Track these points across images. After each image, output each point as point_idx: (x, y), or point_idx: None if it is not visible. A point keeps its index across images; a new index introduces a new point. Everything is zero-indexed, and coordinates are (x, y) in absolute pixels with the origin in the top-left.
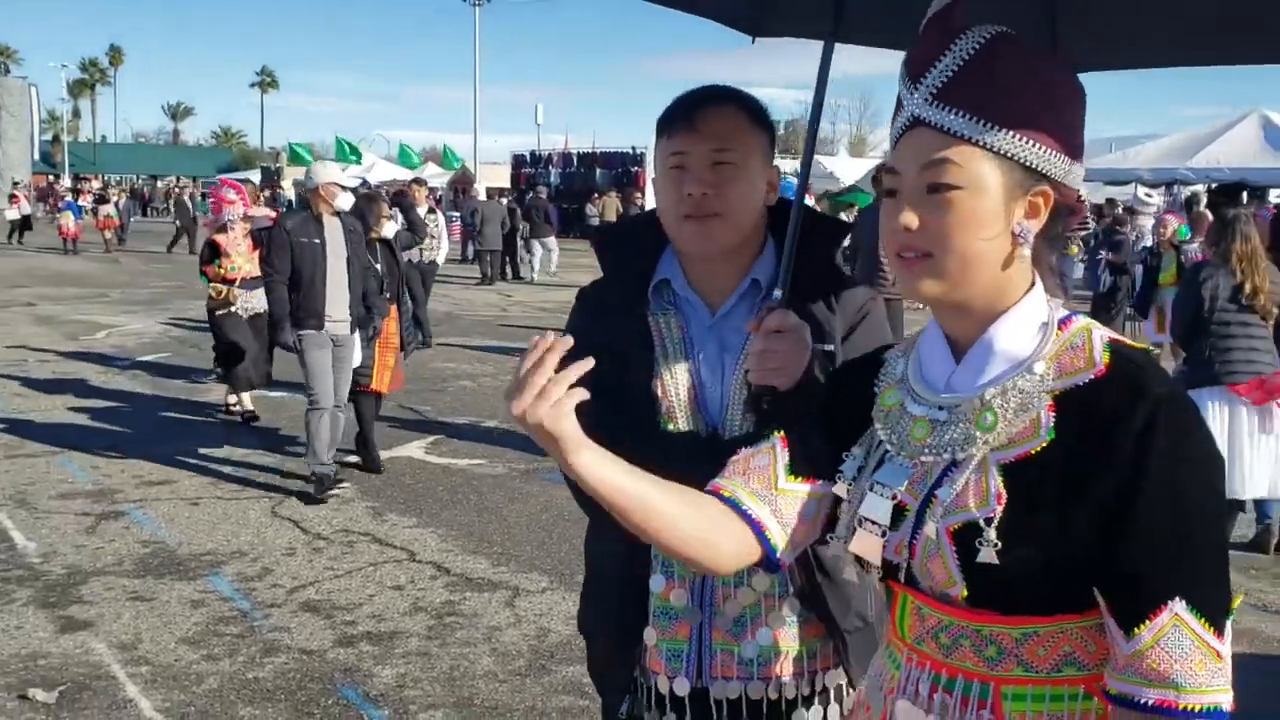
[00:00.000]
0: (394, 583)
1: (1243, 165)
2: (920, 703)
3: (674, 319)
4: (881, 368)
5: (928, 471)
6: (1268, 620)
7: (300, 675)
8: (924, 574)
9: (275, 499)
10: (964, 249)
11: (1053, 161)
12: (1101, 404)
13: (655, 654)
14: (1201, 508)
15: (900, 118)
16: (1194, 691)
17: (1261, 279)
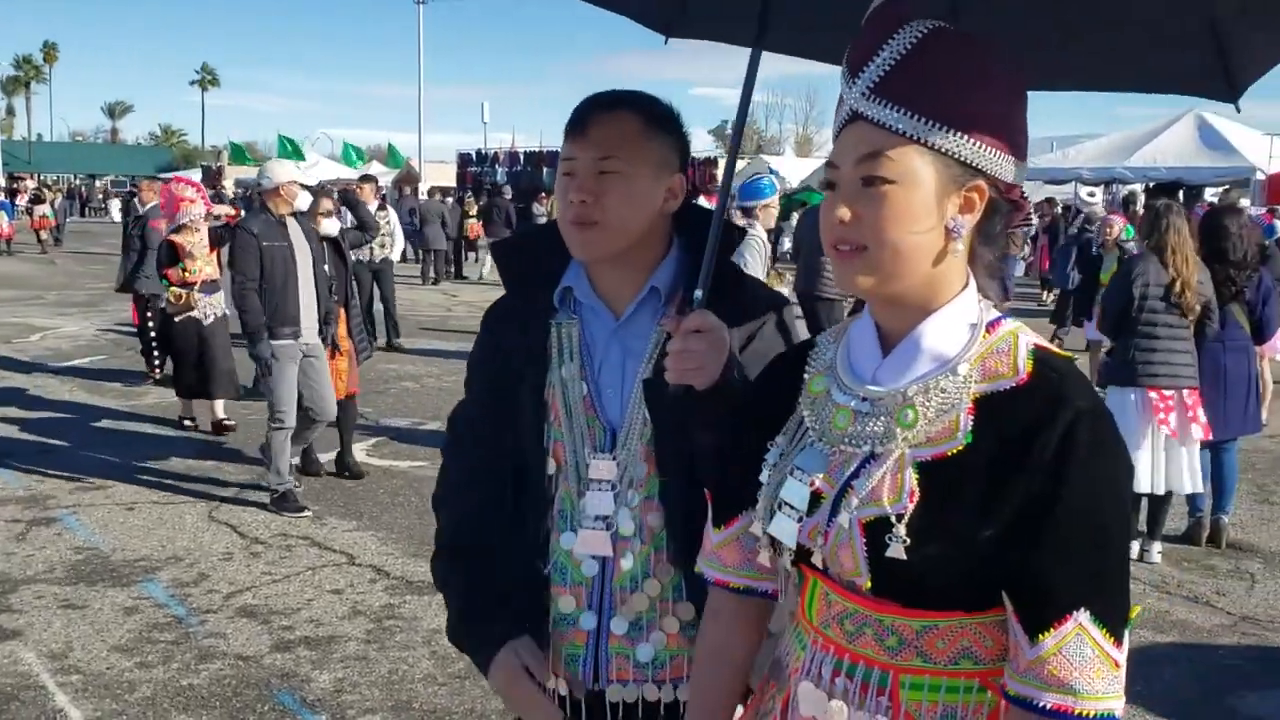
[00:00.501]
0: (333, 587)
1: (1179, 165)
2: (823, 685)
3: (574, 326)
4: (813, 352)
5: (846, 461)
6: (1198, 611)
7: (236, 681)
8: (833, 561)
9: (213, 503)
10: (896, 242)
11: (988, 157)
12: (1022, 412)
13: (555, 659)
14: (1112, 521)
15: (840, 113)
16: (1090, 698)
17: (1190, 273)
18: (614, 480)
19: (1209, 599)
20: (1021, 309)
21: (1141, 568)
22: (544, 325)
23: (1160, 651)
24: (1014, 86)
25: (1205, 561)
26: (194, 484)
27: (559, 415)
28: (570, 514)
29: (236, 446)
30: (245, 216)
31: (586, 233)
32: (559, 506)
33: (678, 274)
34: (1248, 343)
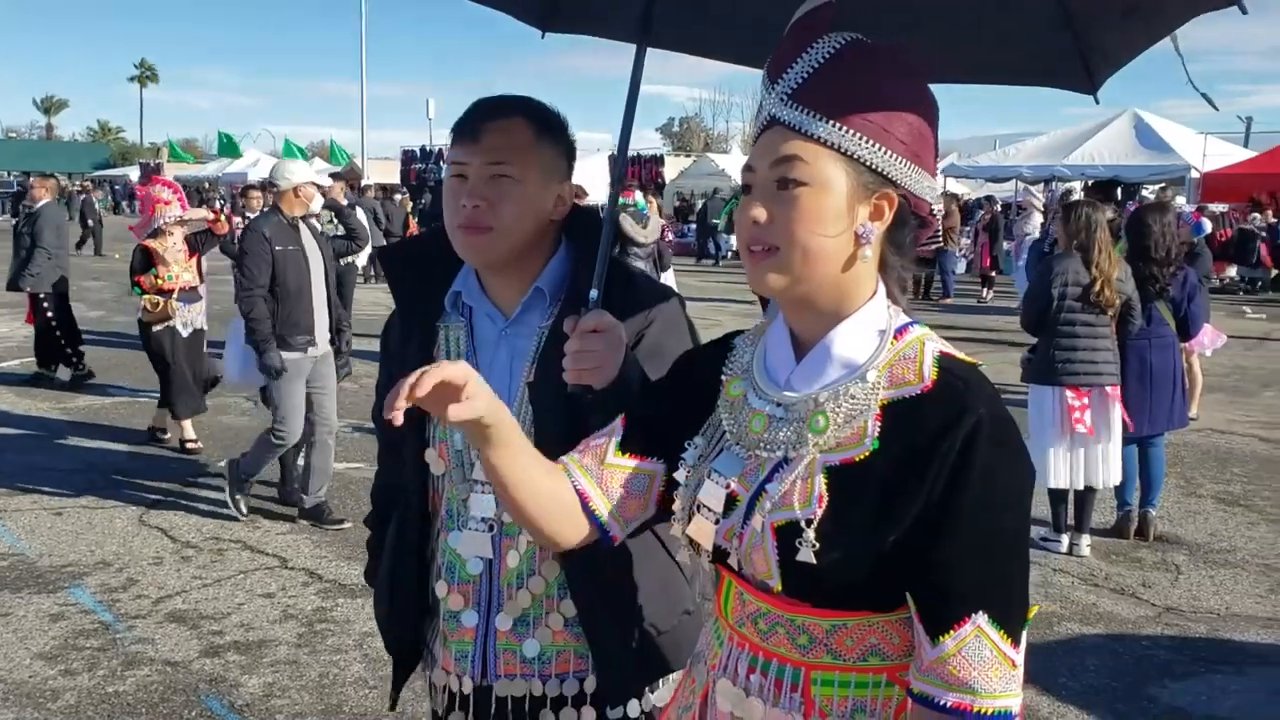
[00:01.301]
0: (264, 590)
1: (1115, 163)
2: (739, 682)
3: (461, 329)
4: (730, 354)
5: (761, 465)
6: (1124, 603)
7: (163, 687)
8: (747, 563)
9: (144, 507)
10: (806, 243)
11: (898, 167)
12: (926, 418)
13: (446, 653)
14: (1012, 525)
15: (760, 118)
16: (988, 697)
17: (1111, 271)
18: None
19: (1135, 591)
20: (962, 305)
21: (1070, 561)
22: (430, 329)
23: (1086, 643)
24: (925, 101)
25: (1133, 554)
26: (125, 488)
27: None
28: (456, 513)
29: (170, 450)
30: (257, 218)
31: (478, 238)
32: (446, 506)
33: (563, 276)
34: (1173, 339)
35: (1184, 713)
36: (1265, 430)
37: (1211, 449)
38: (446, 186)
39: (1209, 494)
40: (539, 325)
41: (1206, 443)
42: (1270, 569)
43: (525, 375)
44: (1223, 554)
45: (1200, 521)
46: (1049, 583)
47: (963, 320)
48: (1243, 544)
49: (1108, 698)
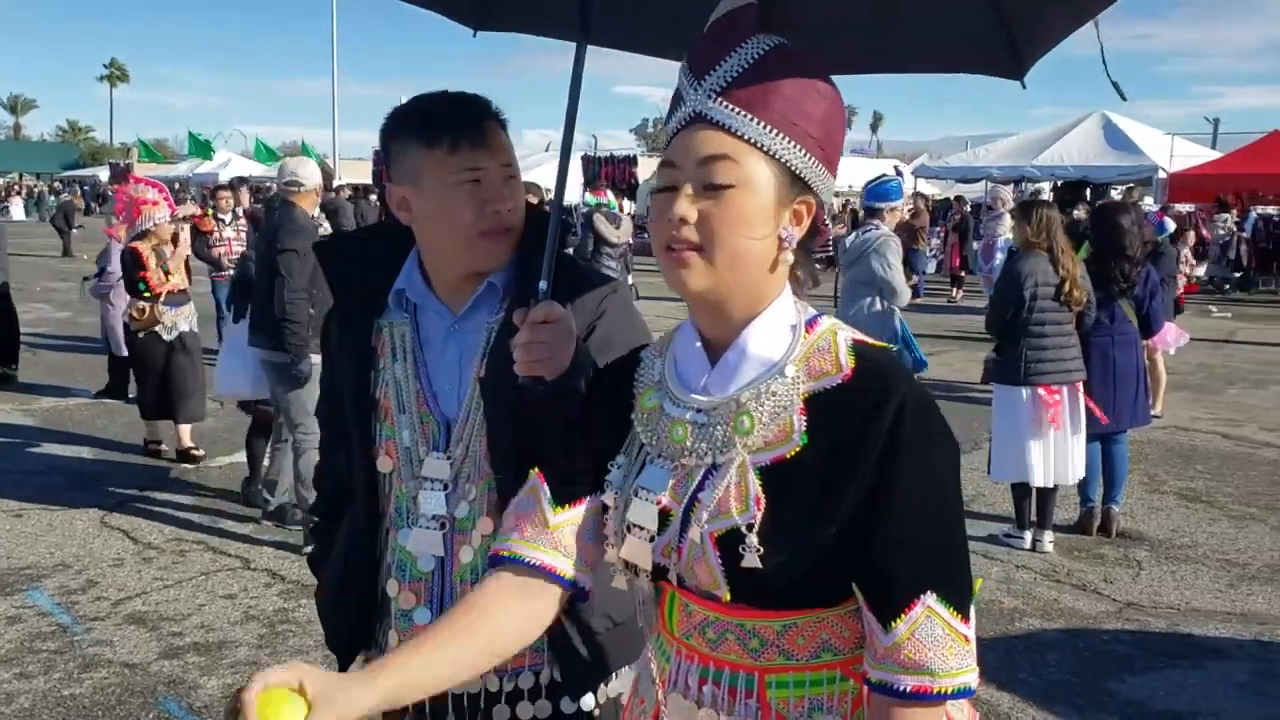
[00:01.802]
0: (226, 591)
1: (1084, 163)
2: (690, 695)
3: (406, 326)
4: (639, 368)
5: (689, 474)
6: (1085, 598)
7: (120, 690)
8: (690, 575)
9: (105, 510)
10: (734, 246)
11: (818, 173)
12: (850, 407)
13: None
14: (947, 501)
15: (681, 112)
16: (947, 675)
17: (1076, 270)
18: (446, 479)
19: (1096, 586)
20: (932, 305)
21: (1033, 557)
22: (368, 325)
23: (1047, 638)
24: (840, 111)
25: (1095, 550)
26: (87, 490)
27: (391, 413)
28: (406, 511)
29: (130, 452)
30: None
31: (505, 239)
32: (395, 504)
33: (514, 269)
34: (1136, 336)
35: (1143, 707)
36: (1228, 427)
37: (1175, 446)
38: (456, 191)
39: (1172, 490)
40: (488, 320)
41: (1170, 440)
42: (1230, 564)
43: (476, 371)
44: (1184, 549)
45: (1162, 518)
46: (1011, 579)
47: (932, 320)
48: (1204, 540)
49: (1068, 693)
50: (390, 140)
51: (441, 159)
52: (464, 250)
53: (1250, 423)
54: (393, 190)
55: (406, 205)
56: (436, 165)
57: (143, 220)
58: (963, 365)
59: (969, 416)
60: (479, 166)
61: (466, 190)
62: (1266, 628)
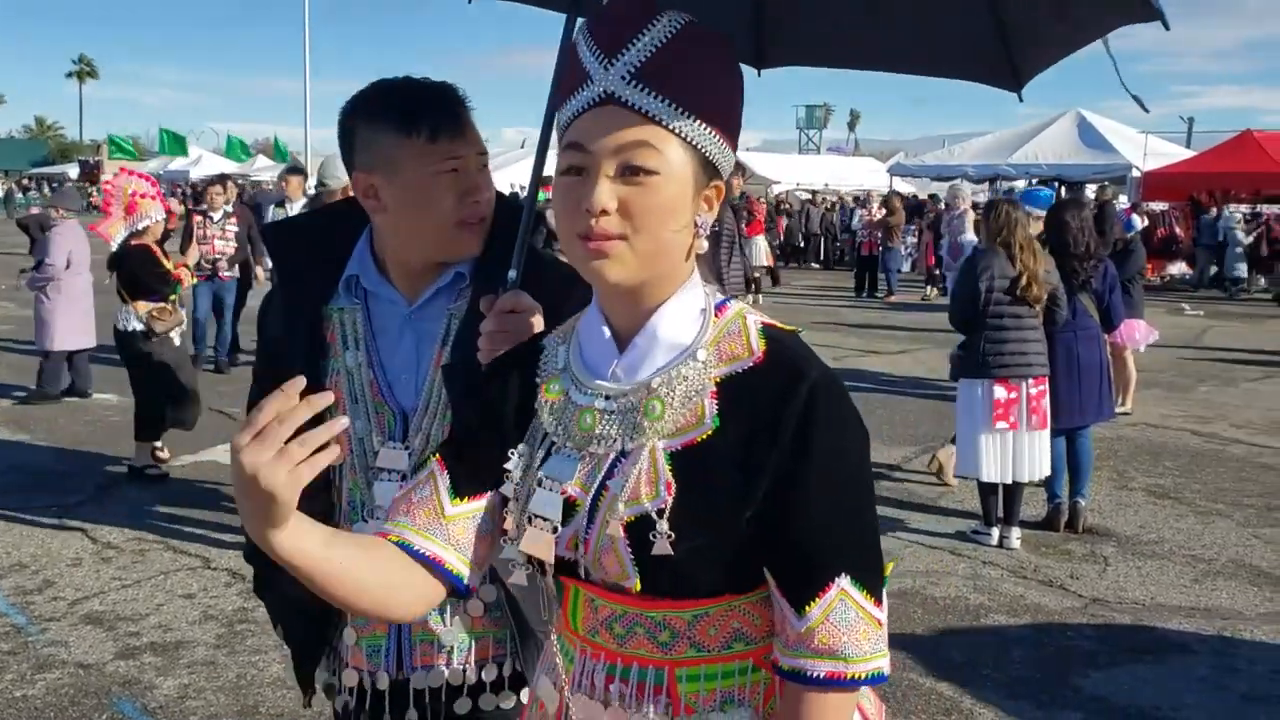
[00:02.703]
0: (185, 591)
1: (1059, 161)
2: (597, 695)
3: (358, 314)
4: (540, 355)
5: (598, 463)
6: (1051, 594)
7: (74, 691)
8: (596, 567)
9: (64, 507)
10: (658, 234)
11: (727, 157)
12: (761, 389)
13: (356, 651)
14: (859, 483)
15: (588, 91)
16: (860, 660)
17: (1037, 266)
18: (405, 469)
19: (1063, 582)
20: (906, 303)
21: (1000, 553)
22: (317, 313)
23: (1012, 634)
24: (741, 93)
25: (1062, 546)
26: (47, 489)
27: (343, 404)
28: (360, 504)
29: (91, 451)
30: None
31: (480, 229)
32: (348, 497)
33: (478, 259)
34: (1098, 331)
35: (1106, 702)
36: (1198, 425)
37: (1145, 442)
38: (435, 181)
39: (1140, 487)
40: (447, 308)
41: (1140, 436)
42: (1196, 560)
43: (435, 358)
44: (1150, 545)
45: (1130, 514)
46: (978, 575)
47: (907, 317)
48: (1170, 535)
49: (1032, 689)
50: (354, 125)
51: (422, 147)
52: (440, 239)
53: (1220, 420)
54: (359, 177)
55: (375, 193)
56: (416, 153)
57: (139, 217)
58: (937, 363)
59: (941, 414)
60: (459, 155)
61: (447, 179)
62: (1229, 623)
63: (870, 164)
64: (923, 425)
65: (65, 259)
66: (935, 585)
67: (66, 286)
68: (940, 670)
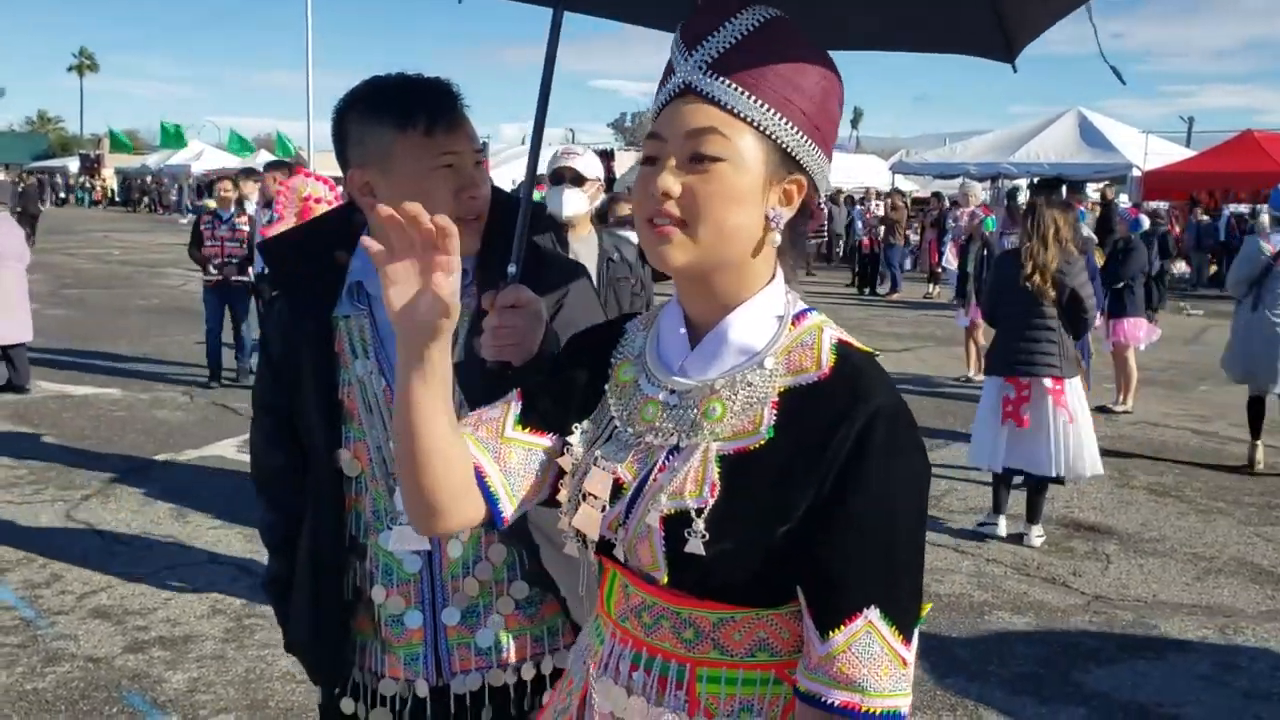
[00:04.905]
0: (192, 585)
1: (1060, 160)
2: (621, 680)
3: (364, 321)
4: (622, 338)
5: (651, 452)
6: (1054, 591)
7: (84, 684)
8: (632, 554)
9: (71, 502)
10: (720, 221)
11: (810, 153)
12: (822, 407)
13: (394, 660)
14: (906, 518)
15: (670, 84)
16: (877, 696)
17: (1047, 259)
18: None
19: (1065, 580)
20: (909, 301)
21: (1004, 551)
22: (325, 321)
23: (1016, 631)
24: (838, 90)
25: (1065, 544)
26: (53, 484)
27: (358, 414)
28: (384, 512)
29: (97, 445)
30: None
31: (475, 226)
32: (372, 506)
33: (478, 254)
34: None
35: (1108, 699)
36: (1198, 423)
37: (1146, 441)
38: (430, 177)
39: (1141, 485)
40: None
41: (1141, 435)
42: (1197, 557)
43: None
44: (1152, 543)
45: (1132, 512)
46: (982, 572)
47: (910, 315)
48: (1172, 533)
49: (1034, 685)
50: (349, 121)
51: (417, 142)
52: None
53: (1220, 419)
54: (354, 174)
55: (370, 190)
56: (411, 148)
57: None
58: (940, 361)
59: (942, 411)
60: (454, 150)
61: (442, 175)
62: (1230, 620)
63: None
64: (927, 423)
65: None
66: (940, 582)
67: None
68: (945, 667)
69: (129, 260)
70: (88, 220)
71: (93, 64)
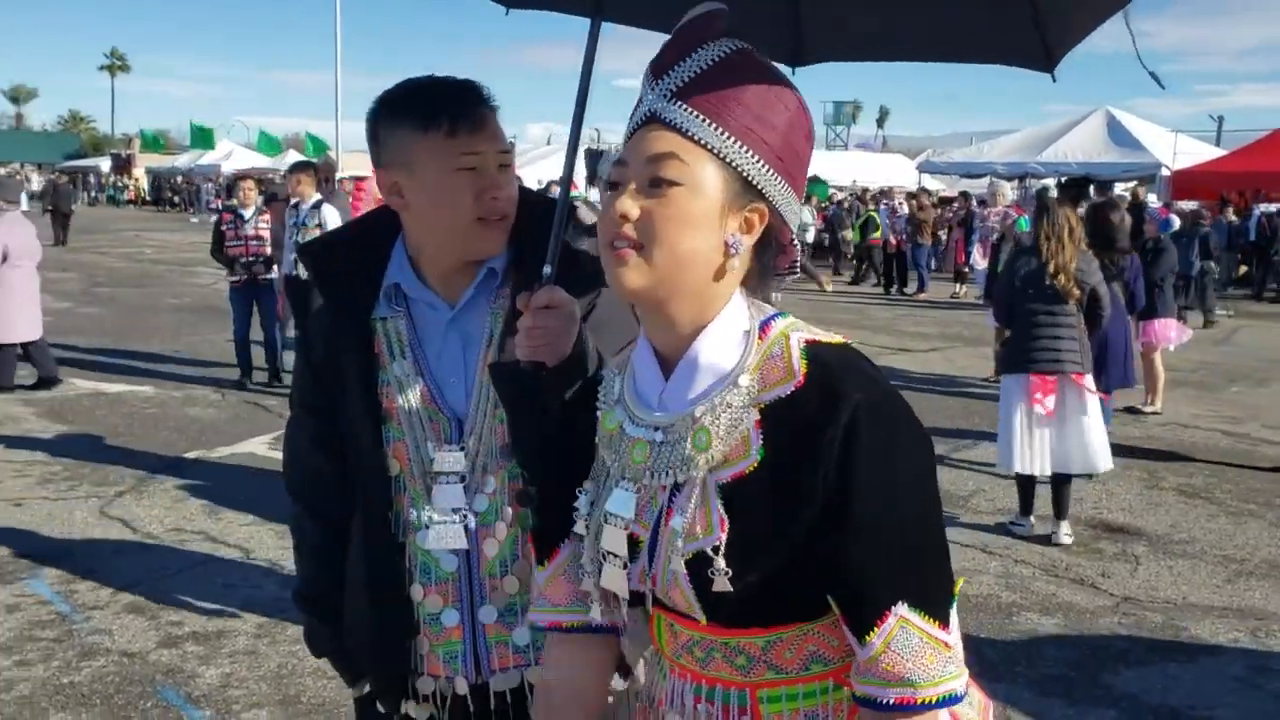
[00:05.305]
0: (226, 581)
1: (1088, 160)
2: (687, 714)
3: (401, 322)
4: (600, 388)
5: (653, 497)
6: (1083, 593)
7: (119, 678)
8: (666, 598)
9: (105, 498)
10: (674, 245)
11: (772, 182)
12: (803, 415)
13: (433, 658)
14: (913, 504)
15: (637, 113)
16: (929, 685)
17: (1066, 259)
18: (463, 471)
19: (1094, 581)
20: (936, 300)
21: (1032, 552)
22: (365, 325)
23: (1044, 632)
24: (804, 123)
25: (1093, 545)
26: (87, 480)
27: (397, 415)
28: (421, 512)
29: (130, 442)
30: None
31: (500, 227)
32: (410, 506)
33: (511, 255)
34: (1124, 311)
35: (1138, 701)
36: (1229, 425)
37: (1176, 443)
38: (451, 178)
39: (1171, 486)
40: (489, 308)
41: (1171, 436)
42: (1228, 560)
43: (482, 359)
44: (1182, 545)
45: (1161, 513)
46: (1010, 573)
47: (937, 315)
48: (1202, 535)
49: (1064, 686)
50: (379, 124)
51: (439, 143)
52: (460, 237)
53: (1251, 420)
54: (382, 175)
55: (398, 190)
56: (434, 149)
57: None
58: (966, 361)
59: (969, 412)
60: (477, 151)
61: (465, 176)
62: (1263, 623)
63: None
64: (954, 423)
65: (2, 252)
66: (968, 583)
67: (6, 279)
68: (973, 668)
69: (160, 259)
70: (119, 219)
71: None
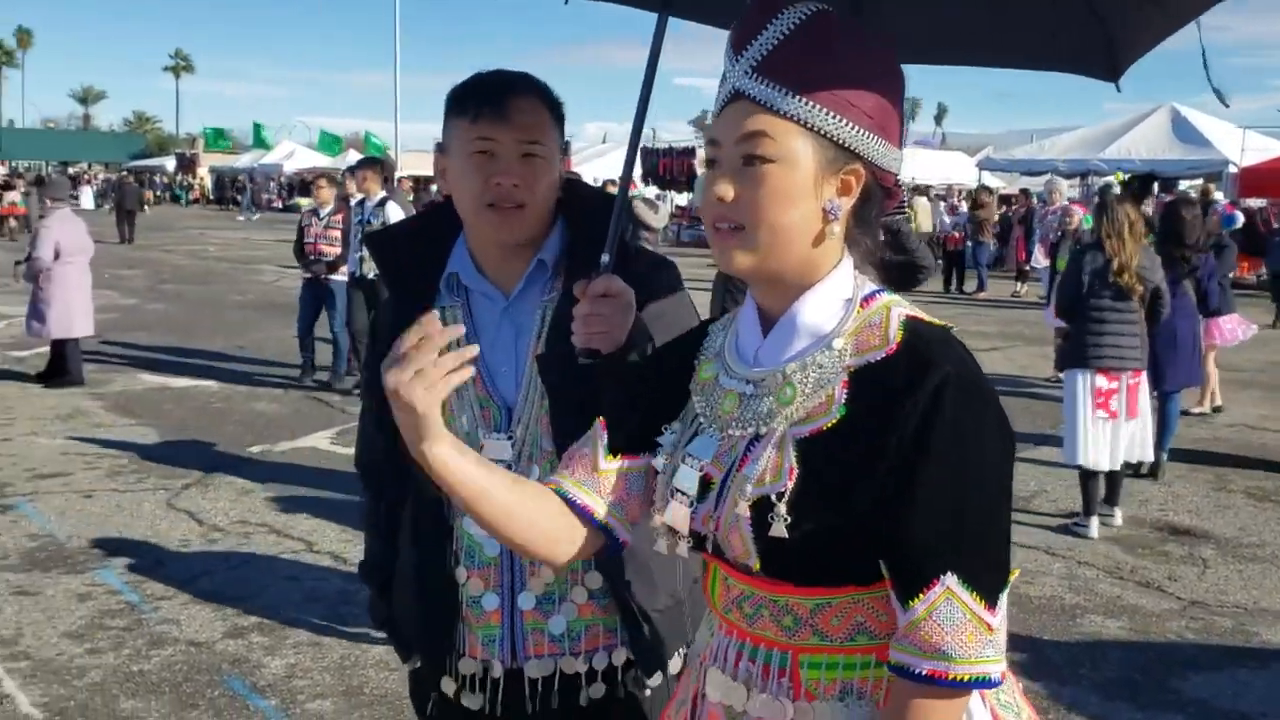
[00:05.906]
0: (289, 573)
1: (1152, 157)
2: (728, 670)
3: (458, 312)
4: (705, 340)
5: (734, 445)
6: (1149, 596)
7: (187, 667)
8: (726, 545)
9: (172, 491)
10: (774, 222)
11: (865, 141)
12: (890, 380)
13: (474, 640)
14: (981, 483)
15: (723, 90)
16: (964, 662)
17: (1129, 257)
18: (509, 460)
19: (1160, 584)
20: (997, 299)
21: (1096, 554)
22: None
23: (1110, 635)
24: (891, 74)
25: (1159, 548)
26: (154, 473)
27: (449, 401)
28: None
29: (197, 436)
30: None
31: (513, 215)
32: None
33: (562, 247)
34: (1194, 309)
35: (1208, 706)
36: None
37: (1243, 444)
38: (467, 163)
39: (1239, 489)
40: (541, 299)
41: (1239, 438)
42: None
43: (532, 349)
44: (1251, 549)
45: (1230, 516)
46: (1074, 575)
47: (997, 314)
48: (1272, 539)
49: (1130, 690)
50: (446, 111)
51: (464, 128)
52: (473, 221)
53: None
54: (437, 158)
55: (444, 173)
56: (460, 134)
57: None
58: (1028, 360)
59: (1031, 412)
60: (491, 138)
61: (477, 160)
62: None
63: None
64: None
65: (53, 249)
66: (1030, 584)
67: (58, 276)
68: (1036, 670)
69: (225, 257)
70: (184, 218)
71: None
